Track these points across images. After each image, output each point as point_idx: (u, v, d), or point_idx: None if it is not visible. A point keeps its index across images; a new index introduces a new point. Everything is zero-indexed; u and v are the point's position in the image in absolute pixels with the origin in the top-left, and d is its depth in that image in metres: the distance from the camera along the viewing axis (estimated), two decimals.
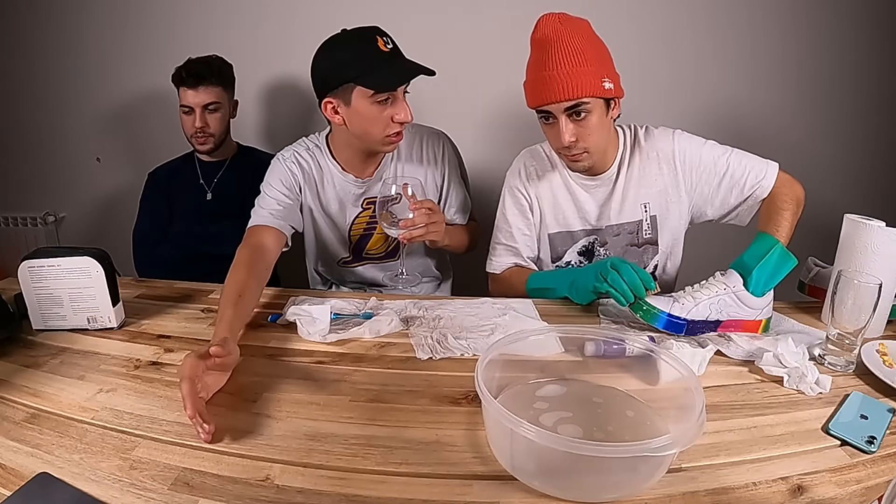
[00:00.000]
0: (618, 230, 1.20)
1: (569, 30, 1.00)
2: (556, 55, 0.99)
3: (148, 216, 1.60)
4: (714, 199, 1.16)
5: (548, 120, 1.05)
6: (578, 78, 0.99)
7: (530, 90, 1.05)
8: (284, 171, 1.22)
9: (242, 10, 1.77)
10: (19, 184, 2.00)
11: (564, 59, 0.99)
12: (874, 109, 1.84)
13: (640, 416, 0.70)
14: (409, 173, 1.27)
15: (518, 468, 0.59)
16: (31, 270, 0.88)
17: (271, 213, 1.16)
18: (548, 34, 1.00)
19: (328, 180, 1.25)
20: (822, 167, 1.88)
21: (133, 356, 0.85)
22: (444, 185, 1.33)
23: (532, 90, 1.05)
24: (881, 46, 1.77)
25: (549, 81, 1.00)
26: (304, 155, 1.24)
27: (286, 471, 0.60)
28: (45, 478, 0.57)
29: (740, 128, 1.84)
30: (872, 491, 0.59)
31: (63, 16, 1.81)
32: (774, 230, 1.00)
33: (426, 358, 0.86)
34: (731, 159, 1.14)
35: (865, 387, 0.81)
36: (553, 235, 1.23)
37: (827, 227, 1.09)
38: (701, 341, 0.91)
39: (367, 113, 1.08)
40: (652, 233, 1.20)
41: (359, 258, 1.35)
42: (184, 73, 1.45)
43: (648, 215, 1.19)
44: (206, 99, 1.47)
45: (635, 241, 1.21)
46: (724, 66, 1.75)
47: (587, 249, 1.23)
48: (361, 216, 1.29)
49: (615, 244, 1.21)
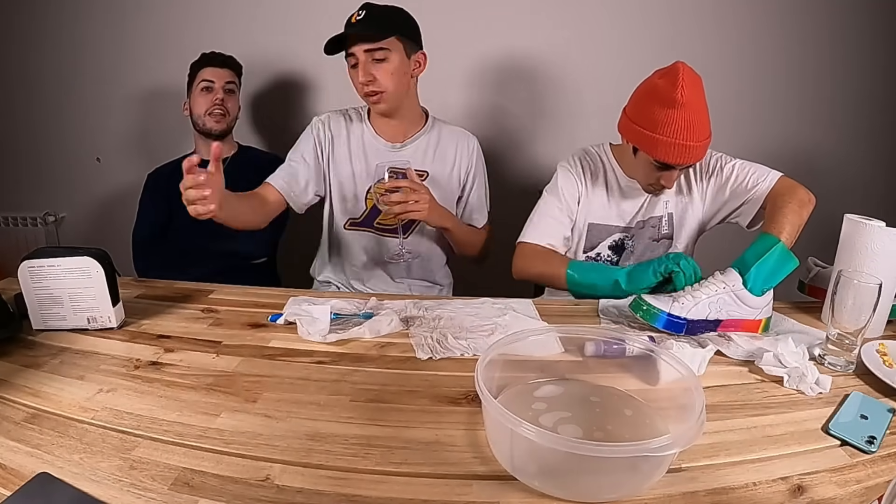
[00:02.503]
0: (643, 224, 1.28)
1: (699, 86, 1.06)
2: (701, 124, 1.06)
3: (147, 218, 1.59)
4: (722, 203, 1.24)
5: (658, 167, 1.13)
6: (708, 144, 1.10)
7: (667, 151, 1.07)
8: (308, 136, 1.35)
9: (242, 9, 1.77)
10: (19, 184, 1.99)
11: (704, 129, 1.07)
12: (874, 109, 1.84)
13: (639, 414, 0.70)
14: (437, 159, 1.37)
15: (518, 468, 0.59)
16: (31, 270, 0.88)
17: (283, 178, 1.31)
18: (692, 95, 1.03)
19: (357, 138, 1.36)
20: (822, 167, 1.88)
21: (133, 356, 0.85)
22: (466, 184, 1.41)
23: (672, 153, 1.07)
24: (882, 46, 1.77)
25: (693, 151, 1.07)
26: (336, 116, 1.37)
27: (286, 471, 0.60)
28: (45, 478, 0.57)
29: (739, 127, 1.84)
30: (872, 491, 0.59)
31: (63, 15, 1.81)
32: (777, 230, 1.01)
33: (426, 358, 0.86)
34: (737, 165, 1.22)
35: (865, 387, 0.81)
36: (593, 225, 1.28)
37: (827, 227, 1.10)
38: (701, 341, 0.91)
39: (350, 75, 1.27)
40: (668, 229, 1.29)
41: (369, 224, 1.39)
42: (209, 55, 1.56)
43: (667, 212, 1.28)
44: (228, 77, 1.57)
45: (656, 235, 1.29)
46: (724, 66, 1.75)
47: (617, 245, 1.29)
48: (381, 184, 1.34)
49: (641, 236, 1.29)
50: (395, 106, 1.30)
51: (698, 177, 1.26)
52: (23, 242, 1.97)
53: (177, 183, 1.57)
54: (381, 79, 1.23)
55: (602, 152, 1.31)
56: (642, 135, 1.10)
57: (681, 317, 0.92)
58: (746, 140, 1.85)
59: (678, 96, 1.02)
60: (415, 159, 1.34)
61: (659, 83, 1.07)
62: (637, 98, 1.14)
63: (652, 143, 1.09)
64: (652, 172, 1.16)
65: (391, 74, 1.23)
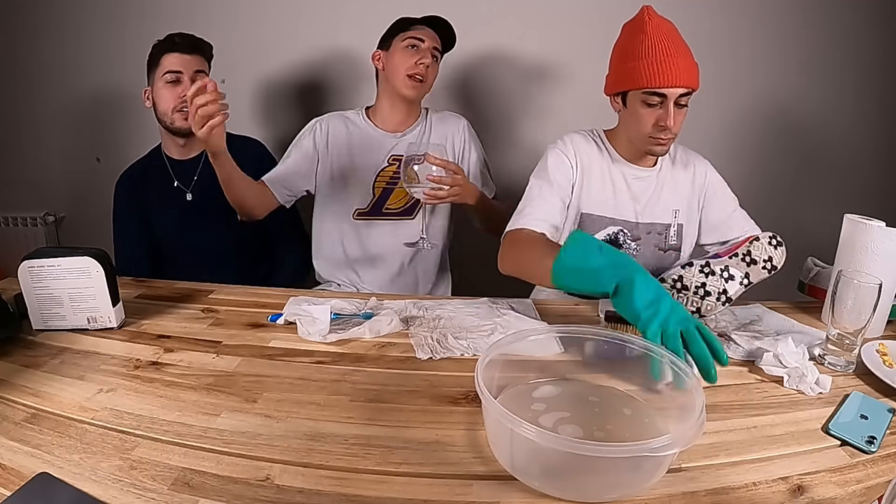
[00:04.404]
0: (649, 228, 1.22)
1: (671, 24, 1.08)
2: (676, 45, 1.06)
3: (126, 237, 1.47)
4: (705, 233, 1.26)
5: (651, 104, 1.08)
6: (693, 67, 1.07)
7: (648, 71, 1.05)
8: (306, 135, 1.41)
9: (244, 6, 1.77)
10: (19, 184, 1.99)
11: (684, 51, 1.06)
12: (875, 109, 1.84)
13: (638, 413, 0.70)
14: (433, 142, 1.41)
15: (518, 468, 0.59)
16: (31, 270, 0.88)
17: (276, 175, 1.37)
18: (660, 24, 1.07)
19: (358, 132, 1.42)
20: (822, 167, 1.88)
21: (133, 356, 0.85)
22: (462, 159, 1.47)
23: (652, 72, 1.05)
24: (883, 46, 1.77)
25: (674, 68, 1.04)
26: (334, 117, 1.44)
27: (286, 471, 0.60)
28: (45, 478, 0.57)
29: (738, 127, 1.84)
30: (872, 491, 0.59)
31: (63, 14, 1.80)
32: None
33: (426, 358, 0.86)
34: (735, 213, 1.23)
35: (865, 387, 0.81)
36: (586, 216, 1.20)
37: (827, 227, 1.10)
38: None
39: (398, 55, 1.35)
40: (677, 240, 1.24)
41: (377, 212, 1.42)
42: (177, 39, 1.34)
43: (677, 222, 1.24)
44: (198, 65, 1.36)
45: (662, 244, 1.23)
46: (724, 65, 1.75)
47: (611, 239, 1.21)
48: (386, 170, 1.41)
49: (646, 242, 1.22)
50: (419, 96, 1.41)
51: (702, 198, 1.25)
52: (23, 242, 1.97)
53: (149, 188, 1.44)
54: (430, 71, 1.36)
55: (596, 136, 1.25)
56: (623, 74, 1.09)
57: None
58: (745, 140, 1.86)
59: (645, 19, 1.07)
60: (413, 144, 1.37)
61: (626, 26, 1.13)
62: (612, 54, 1.16)
63: (634, 73, 1.07)
64: (648, 116, 1.09)
65: (434, 72, 1.38)
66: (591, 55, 1.69)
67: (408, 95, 1.36)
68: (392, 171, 1.40)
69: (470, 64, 1.80)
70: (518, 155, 1.87)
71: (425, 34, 1.34)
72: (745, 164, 1.81)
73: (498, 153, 1.87)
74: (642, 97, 1.08)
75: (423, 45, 1.33)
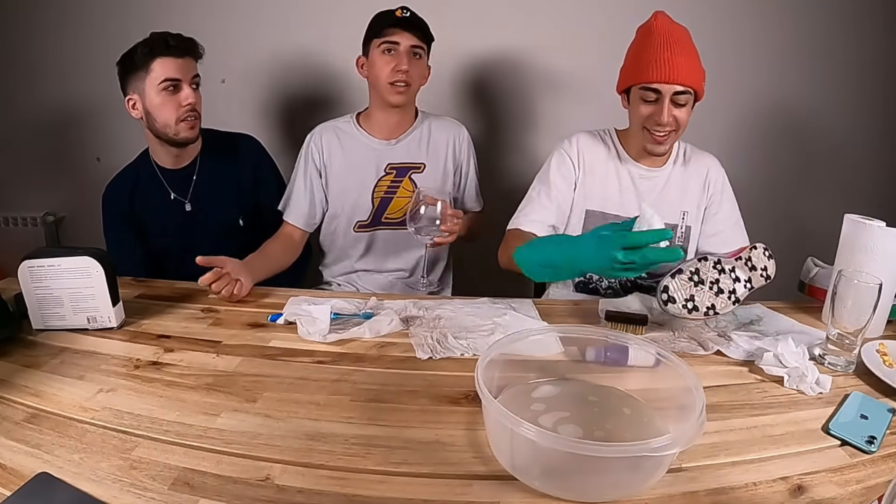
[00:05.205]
0: None
1: (682, 29, 1.11)
2: (681, 45, 1.09)
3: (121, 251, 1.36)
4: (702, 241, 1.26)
5: (648, 99, 1.11)
6: (694, 70, 1.09)
7: (645, 67, 1.10)
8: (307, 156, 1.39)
9: (243, 6, 1.77)
10: (19, 184, 1.99)
11: (687, 52, 1.09)
12: (874, 109, 1.84)
13: (637, 413, 0.70)
14: (430, 151, 1.41)
15: (518, 468, 0.59)
16: (31, 270, 0.88)
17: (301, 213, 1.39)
18: (667, 26, 1.10)
19: (352, 143, 1.39)
20: (823, 167, 1.88)
21: (133, 356, 0.85)
22: (461, 173, 1.46)
23: (649, 68, 1.09)
24: (883, 45, 1.77)
25: (670, 65, 1.07)
26: (326, 130, 1.41)
27: (286, 471, 0.60)
28: (45, 478, 0.57)
29: (739, 127, 1.84)
30: (872, 491, 0.59)
31: (63, 14, 1.80)
32: None
33: (426, 358, 0.86)
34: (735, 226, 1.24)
35: (865, 387, 0.81)
36: (591, 212, 1.23)
37: (827, 227, 1.10)
38: (702, 342, 0.91)
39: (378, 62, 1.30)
40: (684, 242, 1.25)
41: (377, 222, 1.41)
42: (170, 41, 1.22)
43: (685, 224, 1.25)
44: (193, 70, 1.27)
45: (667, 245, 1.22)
46: (723, 64, 1.75)
47: None
48: (384, 179, 1.39)
49: None
50: (408, 101, 1.36)
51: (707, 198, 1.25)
52: (23, 242, 1.97)
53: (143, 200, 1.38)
54: (413, 73, 1.30)
55: (606, 135, 1.27)
56: (626, 70, 1.15)
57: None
58: (744, 141, 1.86)
59: (653, 21, 1.11)
60: (409, 153, 1.39)
61: (638, 28, 1.16)
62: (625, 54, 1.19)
63: (634, 69, 1.12)
64: (644, 111, 1.12)
65: (420, 72, 1.33)
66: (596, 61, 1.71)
67: (394, 102, 1.32)
68: (390, 181, 1.38)
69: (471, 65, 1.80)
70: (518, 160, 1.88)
71: (400, 36, 1.27)
72: (746, 164, 1.80)
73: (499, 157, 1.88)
74: (640, 93, 1.12)
75: (400, 48, 1.27)
